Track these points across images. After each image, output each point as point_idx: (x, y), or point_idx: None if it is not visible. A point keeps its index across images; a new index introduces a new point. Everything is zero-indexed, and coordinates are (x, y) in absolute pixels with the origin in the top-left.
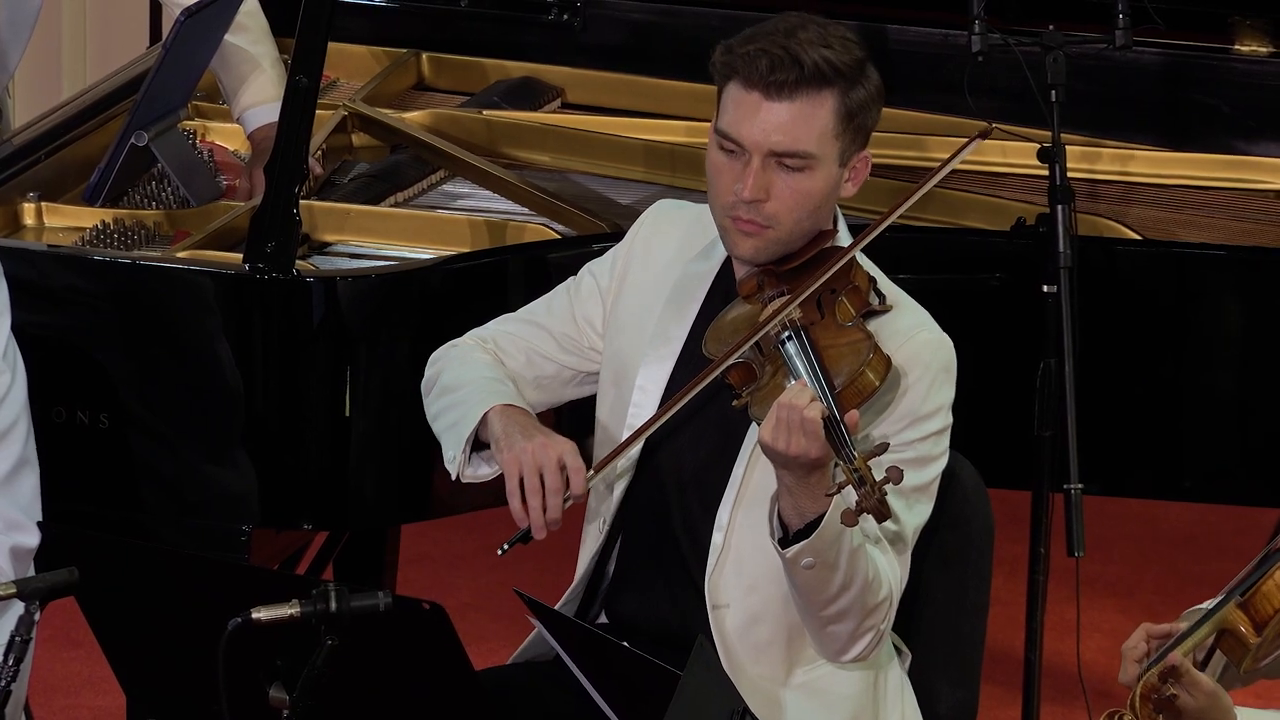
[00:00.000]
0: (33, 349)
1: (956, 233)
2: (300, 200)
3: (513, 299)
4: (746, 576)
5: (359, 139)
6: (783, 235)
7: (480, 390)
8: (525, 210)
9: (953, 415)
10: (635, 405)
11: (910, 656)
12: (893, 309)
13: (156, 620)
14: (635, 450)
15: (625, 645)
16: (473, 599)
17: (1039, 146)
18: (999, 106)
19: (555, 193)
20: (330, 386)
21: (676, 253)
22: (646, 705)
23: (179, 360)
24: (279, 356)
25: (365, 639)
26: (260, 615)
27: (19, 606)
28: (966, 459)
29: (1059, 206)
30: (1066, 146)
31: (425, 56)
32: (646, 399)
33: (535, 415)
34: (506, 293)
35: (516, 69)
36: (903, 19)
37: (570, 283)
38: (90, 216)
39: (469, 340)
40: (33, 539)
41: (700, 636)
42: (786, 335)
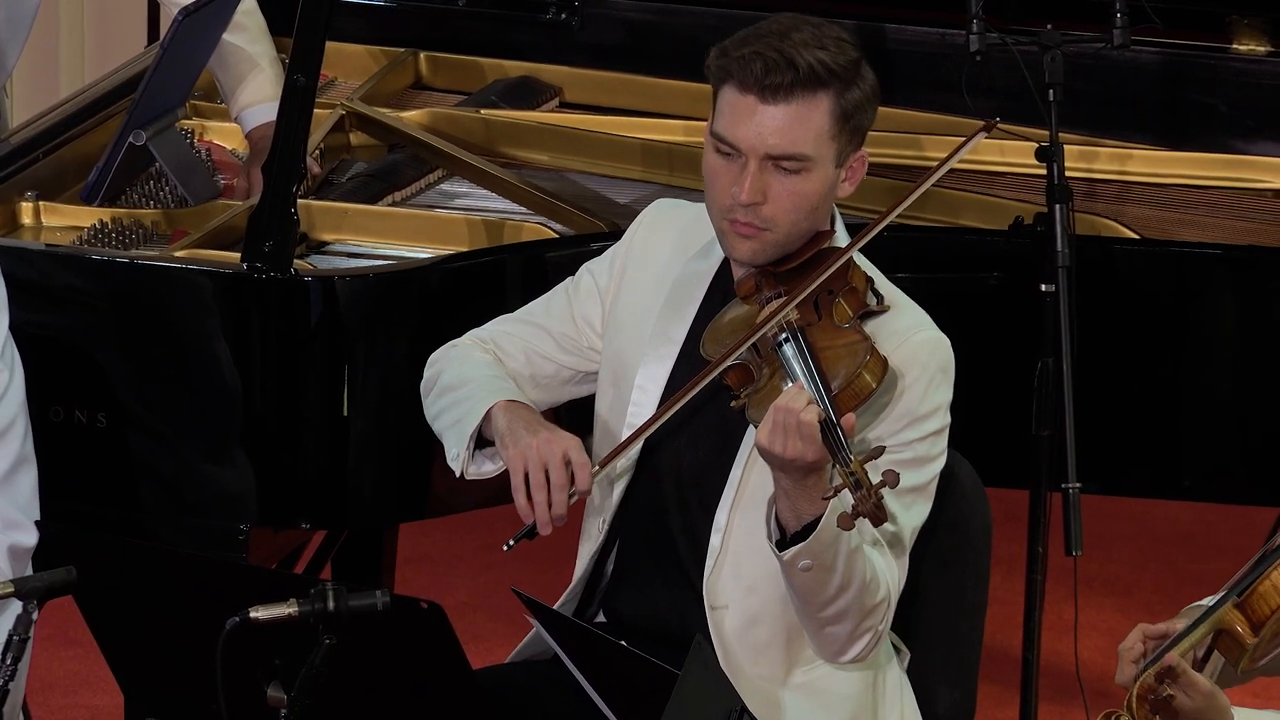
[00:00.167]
0: (31, 348)
1: (954, 232)
2: (298, 199)
3: (511, 298)
4: (745, 578)
5: (357, 138)
6: (780, 237)
7: (482, 387)
8: (523, 209)
9: (951, 414)
10: (635, 405)
11: (909, 655)
12: (890, 309)
13: (154, 619)
14: (635, 450)
15: (623, 644)
16: (471, 598)
17: (1037, 145)
18: (997, 106)
19: (553, 192)
20: (328, 386)
21: (675, 252)
22: (644, 704)
23: (177, 359)
24: (277, 356)
25: (363, 638)
26: (258, 614)
27: (17, 605)
28: (965, 458)
29: (1057, 206)
30: (1064, 146)
31: (423, 56)
32: (646, 398)
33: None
34: (504, 292)
35: (514, 68)
36: (901, 18)
37: (569, 283)
38: (88, 216)
39: (468, 341)
40: (31, 538)
41: (698, 635)
42: (784, 337)
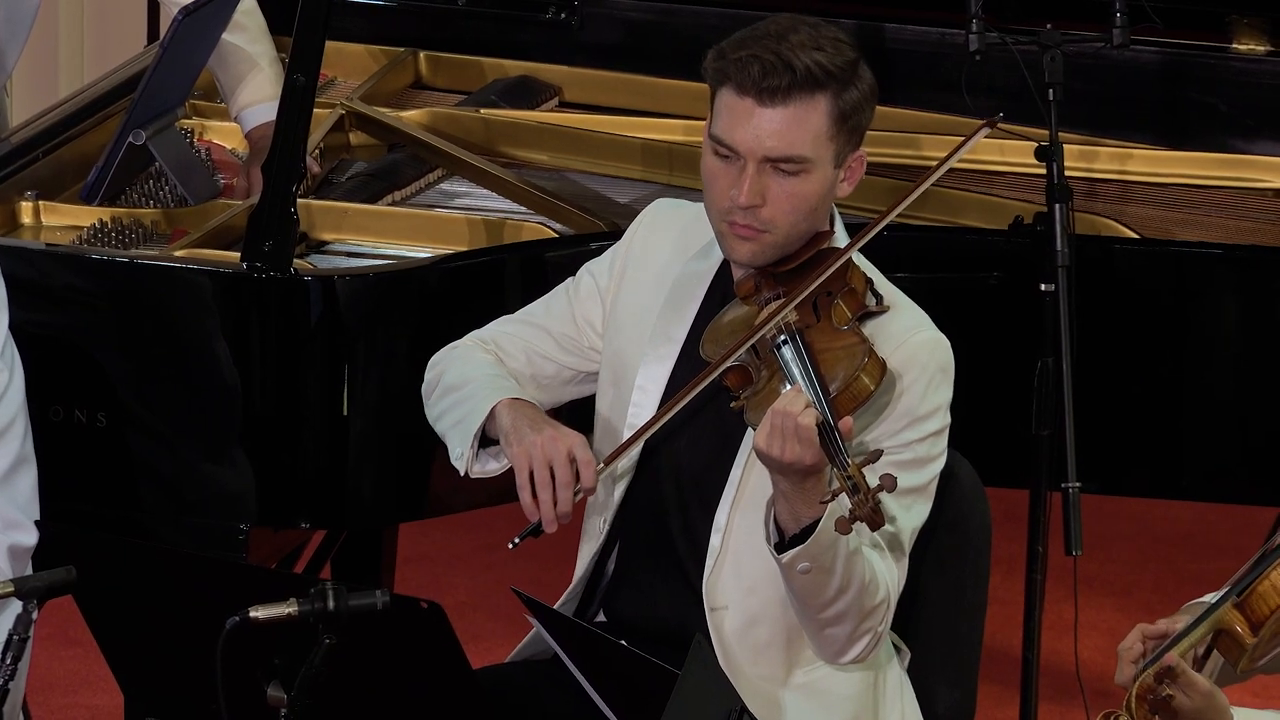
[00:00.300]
0: (30, 348)
1: (954, 231)
2: (298, 199)
3: (510, 298)
4: (745, 579)
5: (356, 138)
6: (779, 239)
7: (485, 386)
8: (523, 209)
9: (951, 414)
10: (635, 405)
11: (909, 655)
12: (890, 309)
13: (154, 619)
14: (635, 450)
15: (623, 644)
16: (470, 598)
17: (1037, 145)
18: (996, 105)
19: (553, 191)
20: (328, 385)
21: (675, 252)
22: (644, 704)
23: (177, 359)
24: (277, 355)
25: (363, 638)
26: (258, 614)
27: (17, 605)
28: (965, 458)
29: (1057, 205)
30: (1064, 145)
31: (423, 55)
32: (646, 398)
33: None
34: (504, 291)
35: (514, 68)
36: (900, 18)
37: (569, 283)
38: (88, 215)
39: (469, 342)
40: (31, 538)
41: (698, 635)
42: (782, 339)
